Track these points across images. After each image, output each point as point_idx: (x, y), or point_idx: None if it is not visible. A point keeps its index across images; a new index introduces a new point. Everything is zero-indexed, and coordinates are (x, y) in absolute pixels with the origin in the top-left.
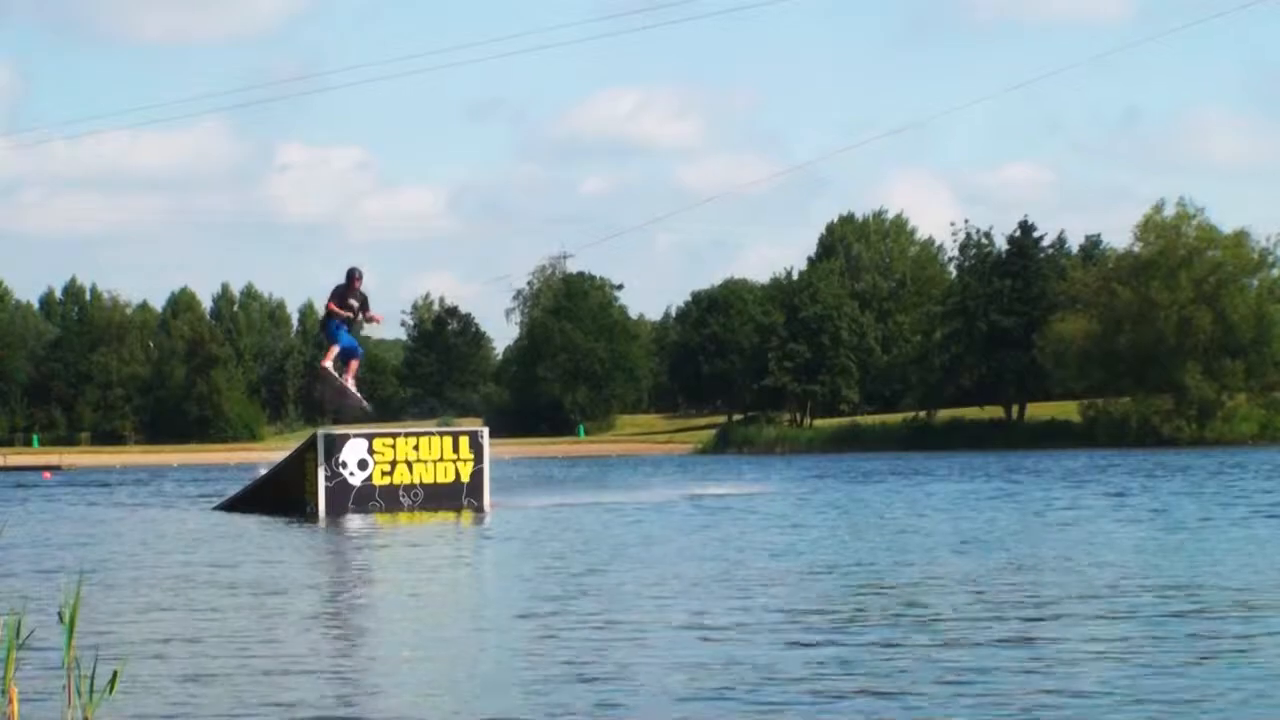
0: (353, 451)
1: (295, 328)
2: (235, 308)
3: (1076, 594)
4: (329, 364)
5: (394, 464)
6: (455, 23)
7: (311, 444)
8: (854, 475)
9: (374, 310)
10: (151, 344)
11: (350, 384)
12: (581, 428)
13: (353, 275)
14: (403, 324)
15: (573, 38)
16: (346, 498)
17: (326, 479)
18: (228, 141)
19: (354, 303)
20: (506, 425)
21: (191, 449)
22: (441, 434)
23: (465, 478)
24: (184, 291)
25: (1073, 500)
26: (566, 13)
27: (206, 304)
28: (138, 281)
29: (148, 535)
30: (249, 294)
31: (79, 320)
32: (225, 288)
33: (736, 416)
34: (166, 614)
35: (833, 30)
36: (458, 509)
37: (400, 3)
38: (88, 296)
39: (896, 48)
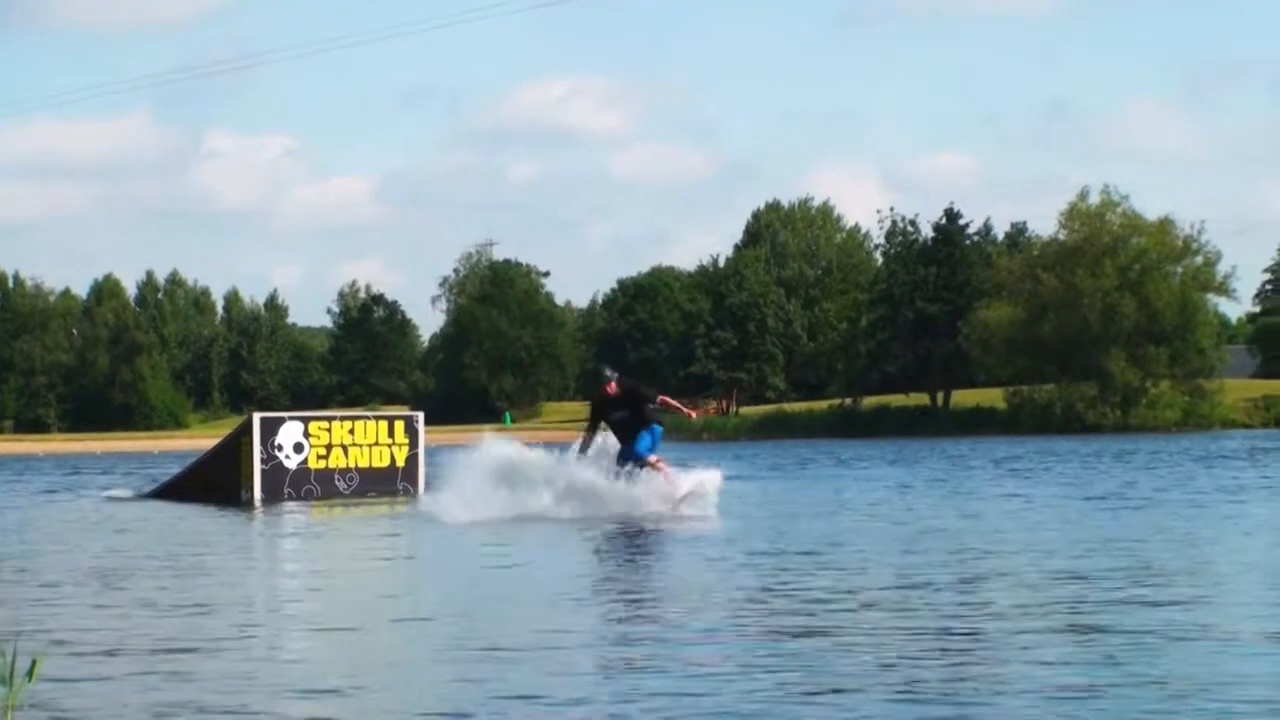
0: (288, 435)
1: (220, 315)
2: (160, 295)
3: None
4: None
5: (329, 448)
6: (385, 10)
7: (246, 427)
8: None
9: (669, 397)
10: (75, 331)
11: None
12: (508, 415)
13: (602, 379)
14: (328, 311)
15: (503, 25)
16: (282, 481)
17: (262, 462)
18: (155, 128)
19: (622, 414)
20: (432, 413)
21: (116, 436)
22: (377, 418)
23: (400, 462)
24: (108, 278)
25: None
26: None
27: (131, 291)
28: (61, 269)
29: (71, 523)
30: (174, 281)
31: (1, 308)
32: (150, 275)
33: None
34: (85, 605)
35: (765, 20)
36: (393, 494)
37: None
38: (10, 284)
39: (828, 37)
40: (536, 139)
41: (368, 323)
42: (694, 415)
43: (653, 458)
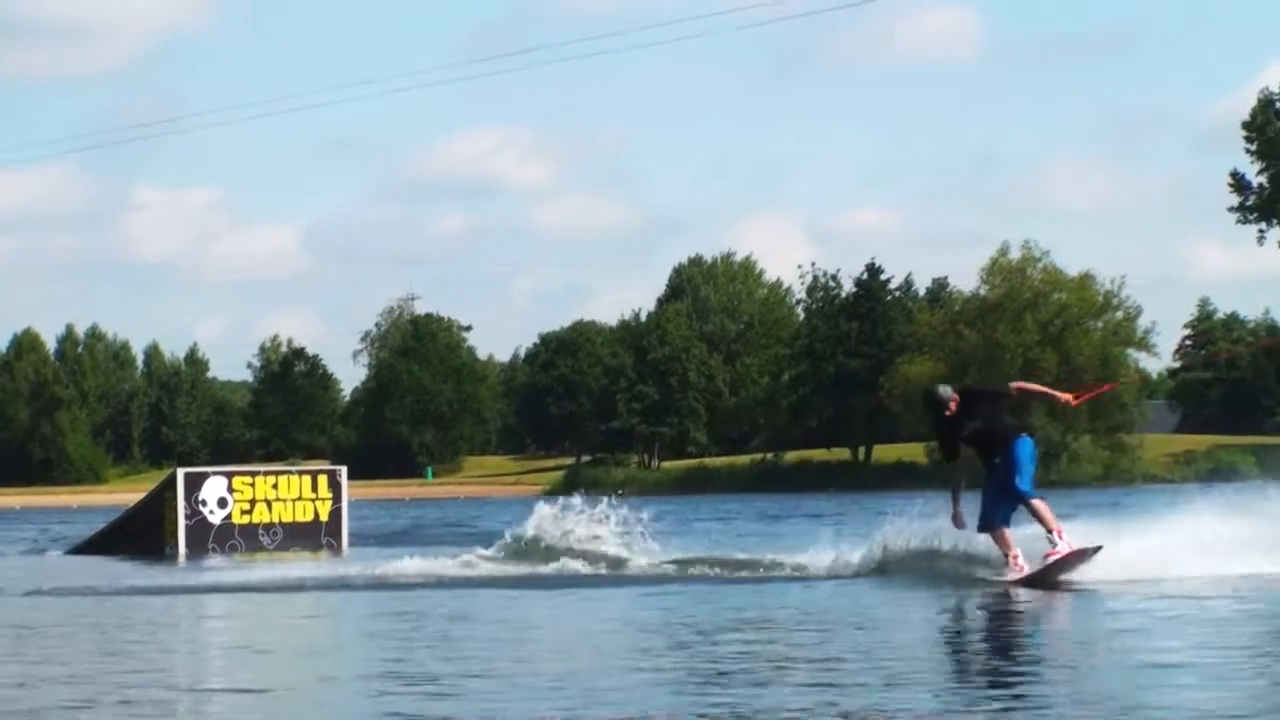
0: (212, 490)
1: (140, 369)
2: (80, 349)
3: None
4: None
5: (253, 502)
6: (311, 63)
7: (171, 482)
8: None
9: (1029, 383)
10: None
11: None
12: (429, 470)
13: (940, 405)
14: (249, 365)
15: (428, 78)
16: (207, 537)
17: (187, 517)
18: (79, 182)
19: (974, 424)
20: (353, 467)
21: (34, 491)
22: (300, 473)
23: (324, 517)
24: (27, 332)
25: None
26: (424, 55)
27: (51, 345)
28: None
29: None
30: (94, 335)
31: None
32: (70, 329)
33: (585, 458)
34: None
35: (690, 74)
36: (316, 548)
37: (256, 43)
38: None
39: (753, 91)
40: (460, 192)
41: (289, 377)
42: (1073, 400)
43: (1036, 501)
